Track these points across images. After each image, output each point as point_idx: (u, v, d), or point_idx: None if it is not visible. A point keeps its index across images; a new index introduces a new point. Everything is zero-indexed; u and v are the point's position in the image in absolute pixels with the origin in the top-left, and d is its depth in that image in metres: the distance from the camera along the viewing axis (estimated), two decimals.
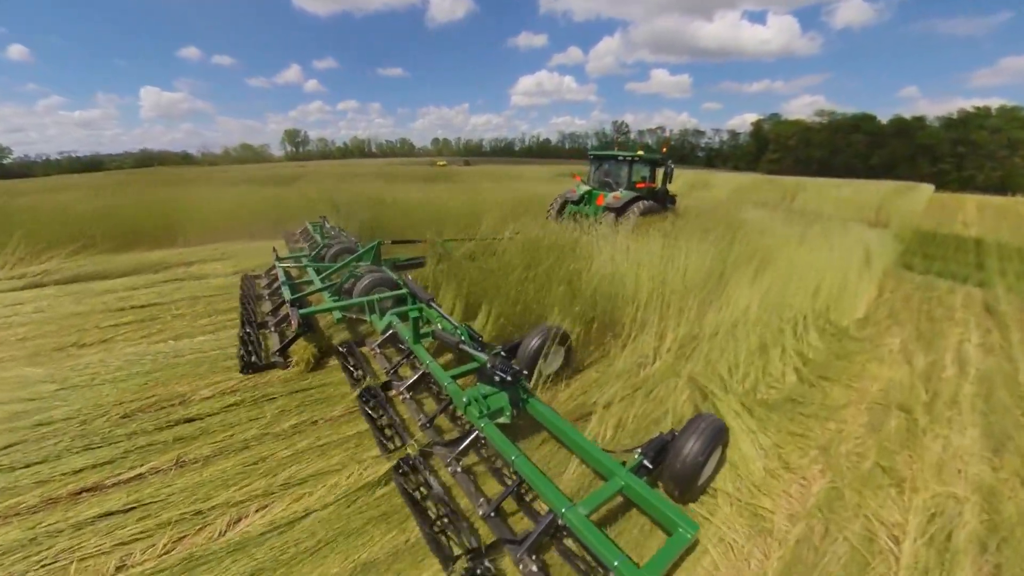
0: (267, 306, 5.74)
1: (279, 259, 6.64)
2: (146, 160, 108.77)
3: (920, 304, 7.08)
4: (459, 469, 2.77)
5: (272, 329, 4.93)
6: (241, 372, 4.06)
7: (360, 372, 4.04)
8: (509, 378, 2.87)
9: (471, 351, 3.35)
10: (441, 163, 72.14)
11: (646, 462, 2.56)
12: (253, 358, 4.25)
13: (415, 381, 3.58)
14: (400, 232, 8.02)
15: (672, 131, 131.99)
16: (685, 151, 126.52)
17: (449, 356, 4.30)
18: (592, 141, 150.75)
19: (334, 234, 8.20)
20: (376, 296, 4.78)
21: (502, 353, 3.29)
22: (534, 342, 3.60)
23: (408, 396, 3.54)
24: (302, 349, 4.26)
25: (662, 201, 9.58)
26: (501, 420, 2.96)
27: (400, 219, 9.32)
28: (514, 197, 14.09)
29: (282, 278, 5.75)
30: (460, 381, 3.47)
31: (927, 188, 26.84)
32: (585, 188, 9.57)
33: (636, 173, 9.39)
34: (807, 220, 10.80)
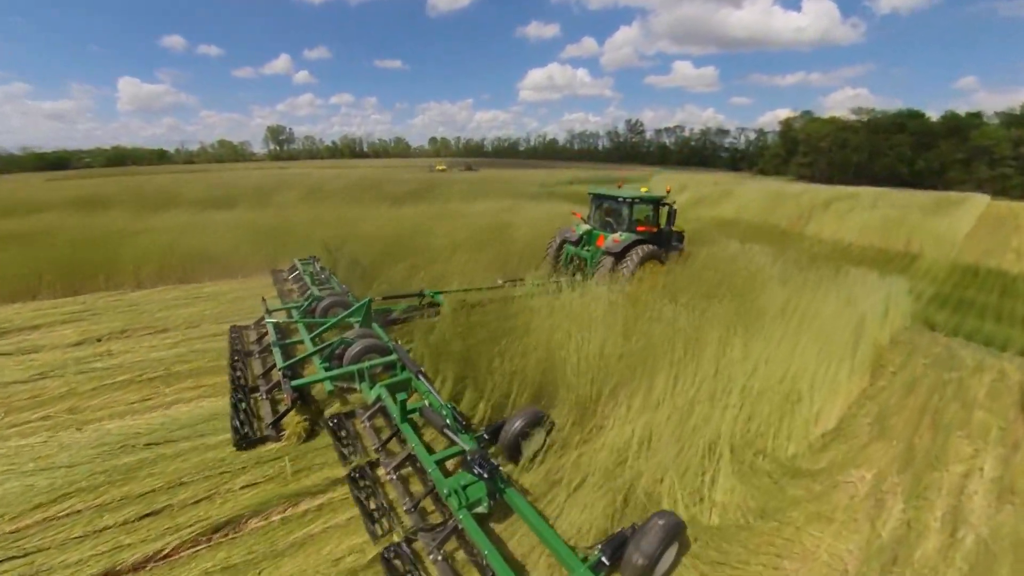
0: (256, 363, 6.23)
1: (268, 311, 7.16)
2: (118, 158, 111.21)
3: (928, 396, 6.04)
4: (440, 557, 3.28)
5: (263, 396, 5.33)
6: (236, 448, 4.47)
7: (350, 448, 4.52)
8: (486, 475, 3.50)
9: (453, 437, 4.01)
10: (441, 167, 72.43)
11: (604, 559, 3.05)
12: (247, 430, 4.66)
13: (402, 460, 4.18)
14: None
15: (692, 130, 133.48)
16: (707, 152, 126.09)
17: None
18: (604, 142, 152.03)
19: (324, 278, 8.87)
20: (366, 364, 5.30)
21: (484, 436, 4.25)
22: (516, 425, 4.24)
23: (394, 477, 4.10)
24: (294, 422, 4.75)
25: (666, 242, 9.96)
26: (479, 510, 3.51)
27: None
28: (497, 225, 13.58)
29: (272, 337, 6.22)
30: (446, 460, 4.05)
31: (980, 200, 25.89)
32: (585, 227, 9.99)
33: (638, 213, 9.71)
34: (809, 263, 9.81)
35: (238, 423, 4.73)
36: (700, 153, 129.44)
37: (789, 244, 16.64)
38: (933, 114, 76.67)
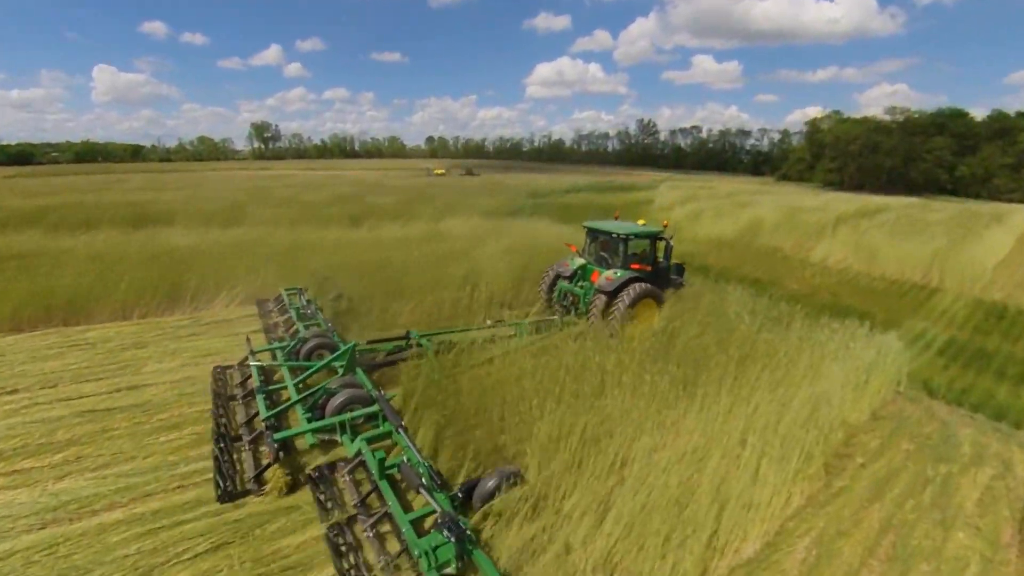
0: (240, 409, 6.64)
1: (252, 352, 7.49)
2: (88, 153, 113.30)
3: (897, 506, 5.22)
4: None
5: (246, 446, 5.77)
6: (218, 501, 4.92)
7: (330, 503, 5.00)
8: (454, 538, 4.00)
9: (428, 497, 4.53)
10: (439, 171, 72.20)
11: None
12: (229, 485, 5.07)
13: (379, 517, 4.71)
14: None
15: (711, 130, 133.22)
16: (726, 155, 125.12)
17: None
18: (614, 143, 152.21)
19: (310, 313, 9.30)
20: (348, 416, 5.81)
21: (459, 495, 4.78)
22: (490, 484, 4.75)
23: (372, 534, 4.60)
24: (276, 475, 5.21)
25: (663, 279, 10.22)
26: (448, 571, 4.00)
27: None
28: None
29: (256, 382, 6.71)
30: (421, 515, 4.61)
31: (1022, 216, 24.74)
32: (580, 262, 10.40)
33: (635, 247, 10.08)
34: (795, 308, 9.82)
35: (220, 477, 5.11)
36: (719, 156, 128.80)
37: (787, 274, 15.96)
38: (978, 113, 75.22)
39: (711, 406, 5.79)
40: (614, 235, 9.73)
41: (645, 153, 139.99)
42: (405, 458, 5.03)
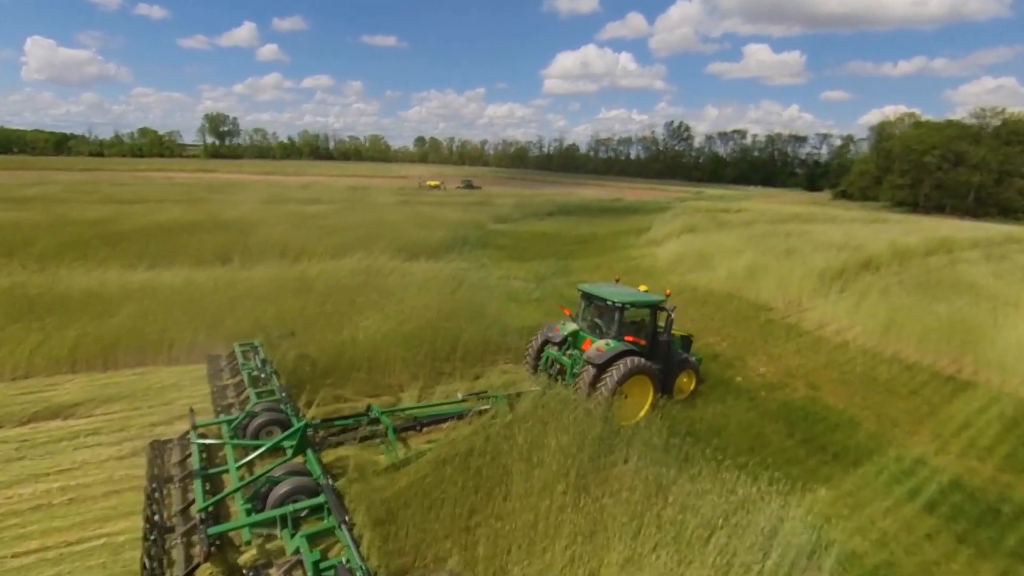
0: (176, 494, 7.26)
1: (195, 427, 8.05)
2: (3, 142, 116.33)
3: None
4: None
5: (179, 539, 6.27)
6: None
7: None
8: None
9: None
10: (433, 183, 73.42)
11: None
12: None
13: None
14: None
15: (756, 136, 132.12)
16: (775, 165, 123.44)
17: None
18: (636, 150, 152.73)
19: (265, 376, 10.00)
20: (290, 508, 6.32)
21: None
22: None
23: None
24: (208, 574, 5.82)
25: (663, 355, 10.59)
26: None
27: None
28: None
29: (196, 463, 7.27)
30: None
31: None
32: (571, 327, 11.09)
33: (632, 316, 10.72)
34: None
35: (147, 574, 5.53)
36: (765, 167, 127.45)
37: (761, 348, 14.18)
38: None
39: None
40: (609, 302, 10.33)
41: (675, 162, 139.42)
42: (344, 559, 5.59)
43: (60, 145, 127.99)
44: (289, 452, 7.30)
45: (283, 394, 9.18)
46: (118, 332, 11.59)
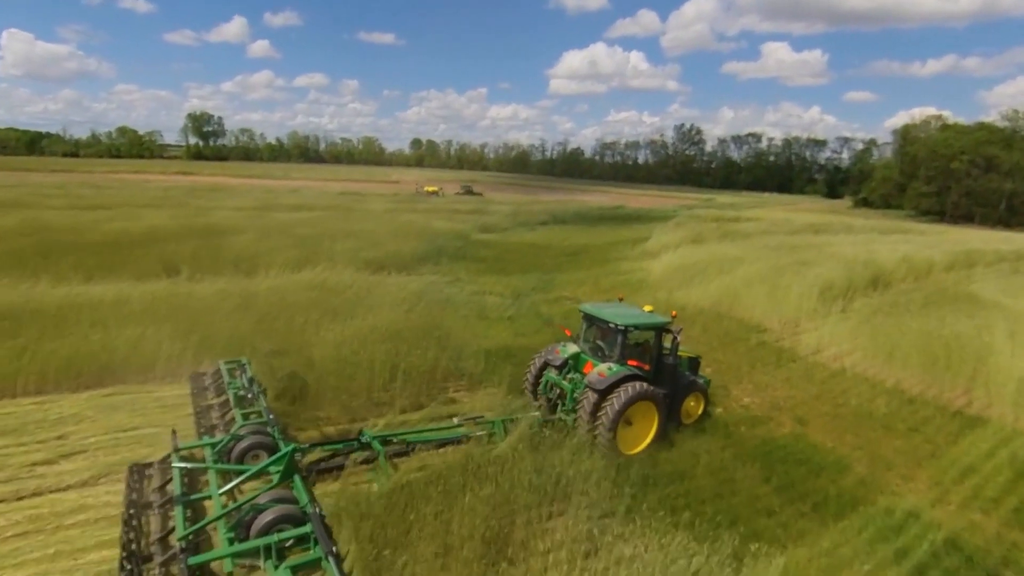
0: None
1: (176, 450, 8.13)
2: None
3: None
4: None
5: (158, 569, 6.28)
6: None
7: None
8: None
9: None
10: (431, 188, 74.25)
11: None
12: None
13: None
14: None
15: (772, 140, 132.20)
16: (792, 172, 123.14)
17: None
18: (644, 154, 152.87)
19: (251, 396, 10.07)
20: (275, 537, 6.39)
21: None
22: None
23: None
24: None
25: (669, 378, 10.63)
26: None
27: None
28: None
29: (177, 488, 7.38)
30: None
31: None
32: (572, 350, 11.18)
33: (635, 339, 10.89)
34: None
35: None
36: (782, 172, 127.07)
37: (748, 375, 13.56)
38: None
39: None
40: (611, 325, 10.40)
41: (685, 168, 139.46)
42: None
43: (33, 144, 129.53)
44: (275, 478, 7.38)
45: (271, 416, 9.26)
46: (20, 355, 11.05)
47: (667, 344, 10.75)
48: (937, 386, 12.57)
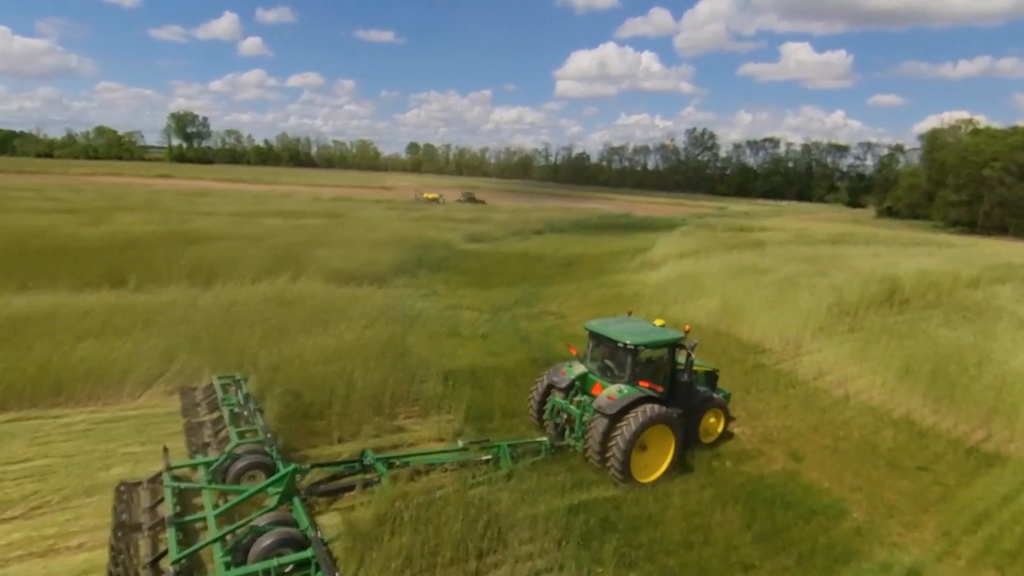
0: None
1: (169, 468, 8.17)
2: None
3: None
4: None
5: None
6: None
7: None
8: None
9: None
10: (431, 195, 74.93)
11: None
12: None
13: None
14: None
15: (790, 145, 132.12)
16: (812, 180, 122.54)
17: None
18: (654, 159, 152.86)
19: (247, 413, 10.02)
20: (275, 562, 6.35)
21: None
22: None
23: None
24: None
25: (684, 397, 10.59)
26: None
27: None
28: None
29: (169, 508, 7.37)
30: None
31: None
32: (579, 370, 11.06)
33: (644, 357, 10.58)
34: None
35: None
36: (802, 180, 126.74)
37: (743, 402, 12.75)
38: None
39: None
40: (620, 344, 10.22)
41: (698, 174, 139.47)
42: None
43: (4, 144, 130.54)
44: (274, 500, 7.40)
45: (268, 435, 9.25)
46: None
47: (681, 359, 10.63)
48: (952, 417, 11.90)
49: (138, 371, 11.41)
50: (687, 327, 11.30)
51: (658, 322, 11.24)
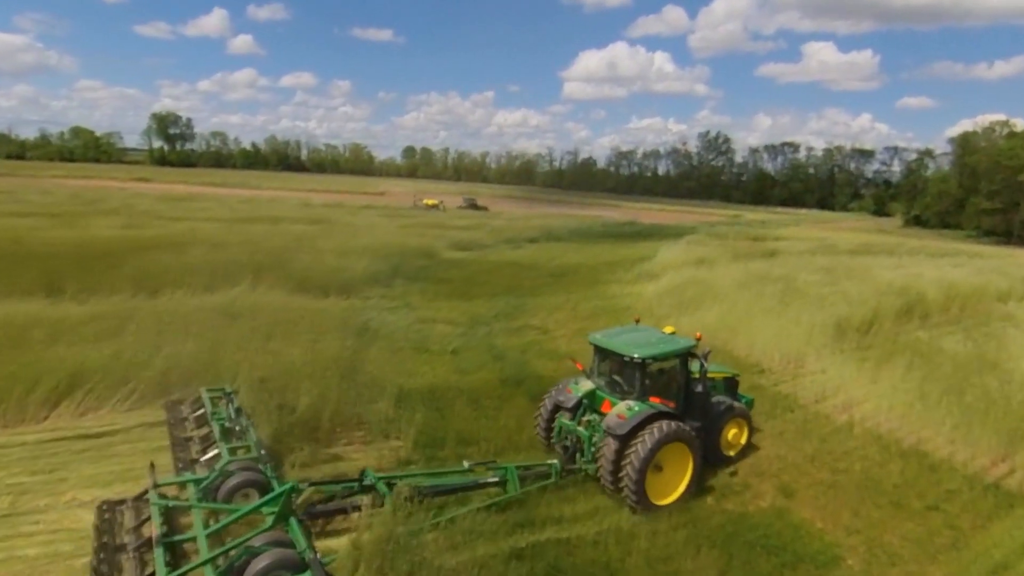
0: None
1: (156, 485, 8.16)
2: None
3: None
4: None
5: None
6: None
7: None
8: None
9: None
10: (431, 202, 76.13)
11: None
12: None
13: None
14: None
15: (811, 150, 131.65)
16: (834, 186, 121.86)
17: None
18: (665, 165, 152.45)
19: (239, 429, 9.98)
20: None
21: None
22: None
23: None
24: None
25: (700, 409, 10.54)
26: None
27: None
28: None
29: (156, 528, 7.35)
30: None
31: None
32: (586, 387, 10.89)
33: (654, 370, 10.53)
34: None
35: None
36: (823, 187, 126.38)
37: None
38: None
39: None
40: (627, 358, 10.12)
41: (712, 180, 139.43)
42: None
43: None
44: (269, 520, 7.42)
45: (262, 451, 9.28)
46: None
47: (694, 368, 10.48)
48: (969, 448, 11.21)
49: (42, 390, 10.86)
50: (698, 334, 11.17)
51: (668, 329, 11.20)
